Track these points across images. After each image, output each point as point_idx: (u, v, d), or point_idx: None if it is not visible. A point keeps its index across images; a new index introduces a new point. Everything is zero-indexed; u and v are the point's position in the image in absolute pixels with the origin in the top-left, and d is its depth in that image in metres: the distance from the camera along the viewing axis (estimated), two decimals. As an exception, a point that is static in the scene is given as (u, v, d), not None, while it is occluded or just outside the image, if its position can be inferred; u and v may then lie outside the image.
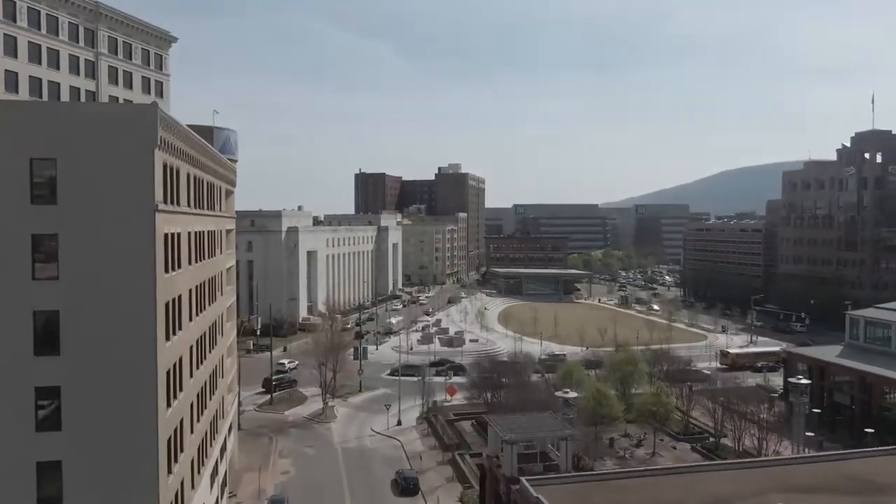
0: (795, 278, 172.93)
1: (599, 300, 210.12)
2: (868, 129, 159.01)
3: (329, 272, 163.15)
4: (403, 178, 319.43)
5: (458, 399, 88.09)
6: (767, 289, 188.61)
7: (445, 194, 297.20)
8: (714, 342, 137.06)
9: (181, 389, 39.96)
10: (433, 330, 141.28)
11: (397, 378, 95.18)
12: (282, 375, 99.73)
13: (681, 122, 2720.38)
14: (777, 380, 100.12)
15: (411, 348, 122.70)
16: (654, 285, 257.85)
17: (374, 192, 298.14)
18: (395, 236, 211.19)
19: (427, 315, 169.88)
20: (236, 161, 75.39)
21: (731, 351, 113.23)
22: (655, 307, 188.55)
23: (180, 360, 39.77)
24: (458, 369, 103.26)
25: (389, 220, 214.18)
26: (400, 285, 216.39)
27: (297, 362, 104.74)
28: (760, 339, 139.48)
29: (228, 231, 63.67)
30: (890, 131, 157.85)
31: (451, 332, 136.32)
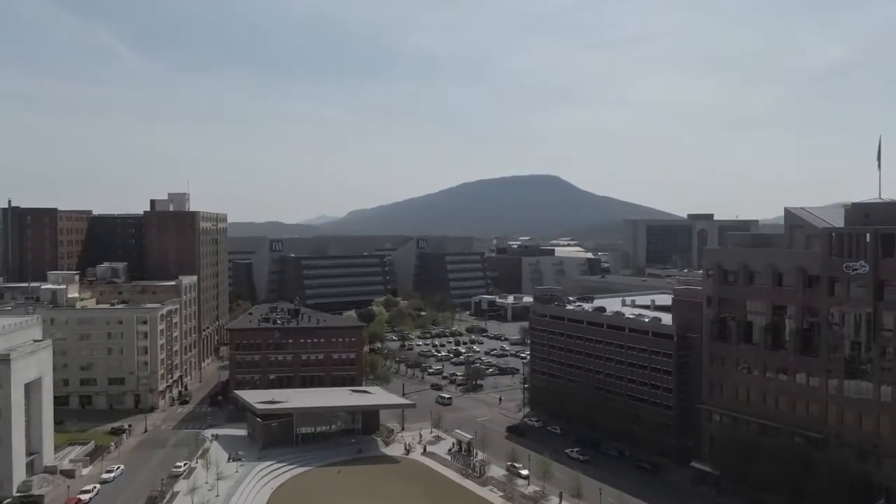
0: (740, 425, 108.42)
1: (425, 447, 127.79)
2: (874, 200, 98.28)
3: None
4: (94, 214, 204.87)
5: None
6: (687, 433, 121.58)
7: (162, 243, 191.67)
8: None
9: None
10: None
11: None
12: None
13: (428, 134, 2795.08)
14: None
15: None
16: (479, 381, 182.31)
17: (36, 241, 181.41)
18: (36, 364, 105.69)
19: None
20: None
21: None
22: (523, 472, 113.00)
23: None
24: None
25: (29, 331, 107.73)
26: (50, 457, 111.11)
27: None
28: None
29: None
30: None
31: None
